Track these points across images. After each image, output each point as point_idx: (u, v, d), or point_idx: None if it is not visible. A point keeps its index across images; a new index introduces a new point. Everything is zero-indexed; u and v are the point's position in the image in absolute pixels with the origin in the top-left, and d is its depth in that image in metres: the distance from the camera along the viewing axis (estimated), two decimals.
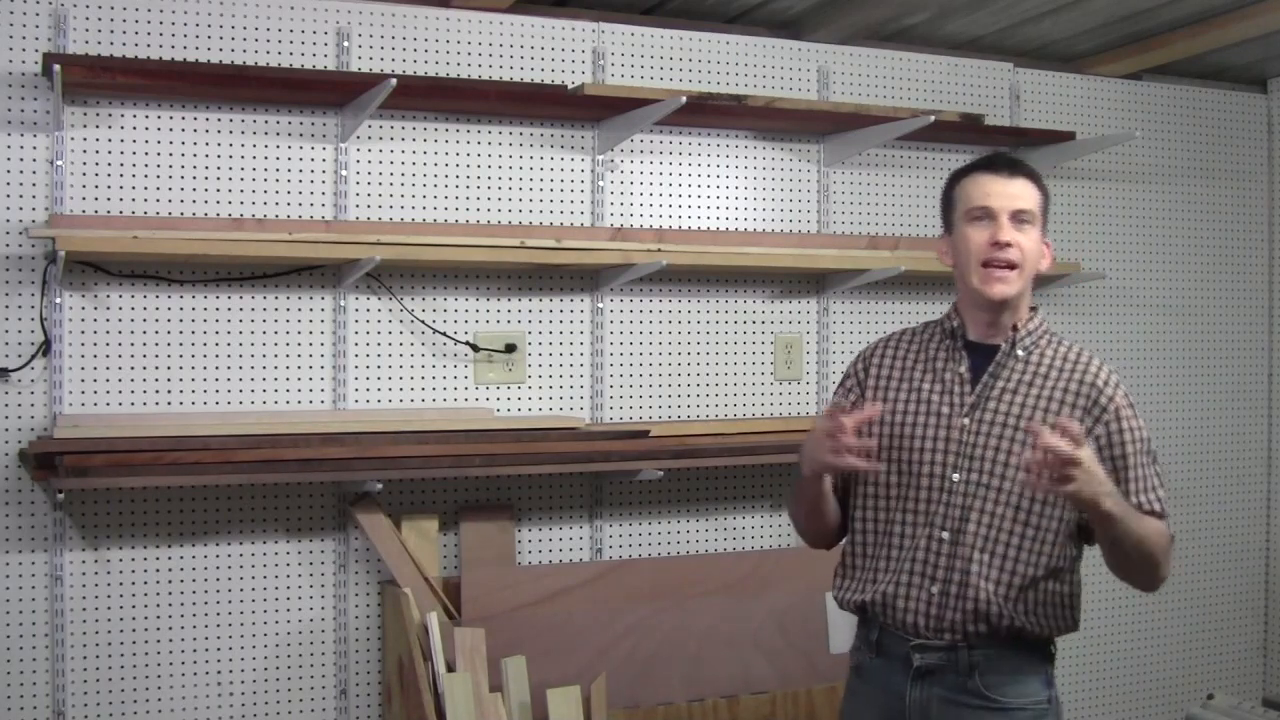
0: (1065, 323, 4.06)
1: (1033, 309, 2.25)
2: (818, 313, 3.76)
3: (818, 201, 3.76)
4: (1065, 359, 2.19)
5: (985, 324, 2.20)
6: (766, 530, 3.68)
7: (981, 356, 2.20)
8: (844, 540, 2.32)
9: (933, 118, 3.49)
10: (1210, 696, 3.96)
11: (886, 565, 2.19)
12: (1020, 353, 2.19)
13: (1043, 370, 2.18)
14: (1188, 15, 3.78)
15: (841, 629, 3.50)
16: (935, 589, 2.13)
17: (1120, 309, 4.19)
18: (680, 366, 3.60)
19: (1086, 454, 1.90)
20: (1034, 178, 2.21)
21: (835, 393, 2.36)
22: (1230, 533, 4.37)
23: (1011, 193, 2.16)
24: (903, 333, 2.33)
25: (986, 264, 2.15)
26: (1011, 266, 2.14)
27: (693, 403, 3.61)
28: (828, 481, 2.20)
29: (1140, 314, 4.23)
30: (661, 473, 3.31)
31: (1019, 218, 2.15)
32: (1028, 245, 2.15)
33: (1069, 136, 3.93)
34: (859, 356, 2.34)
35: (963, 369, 2.20)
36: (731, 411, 3.66)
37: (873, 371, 2.29)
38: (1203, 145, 4.32)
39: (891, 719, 2.17)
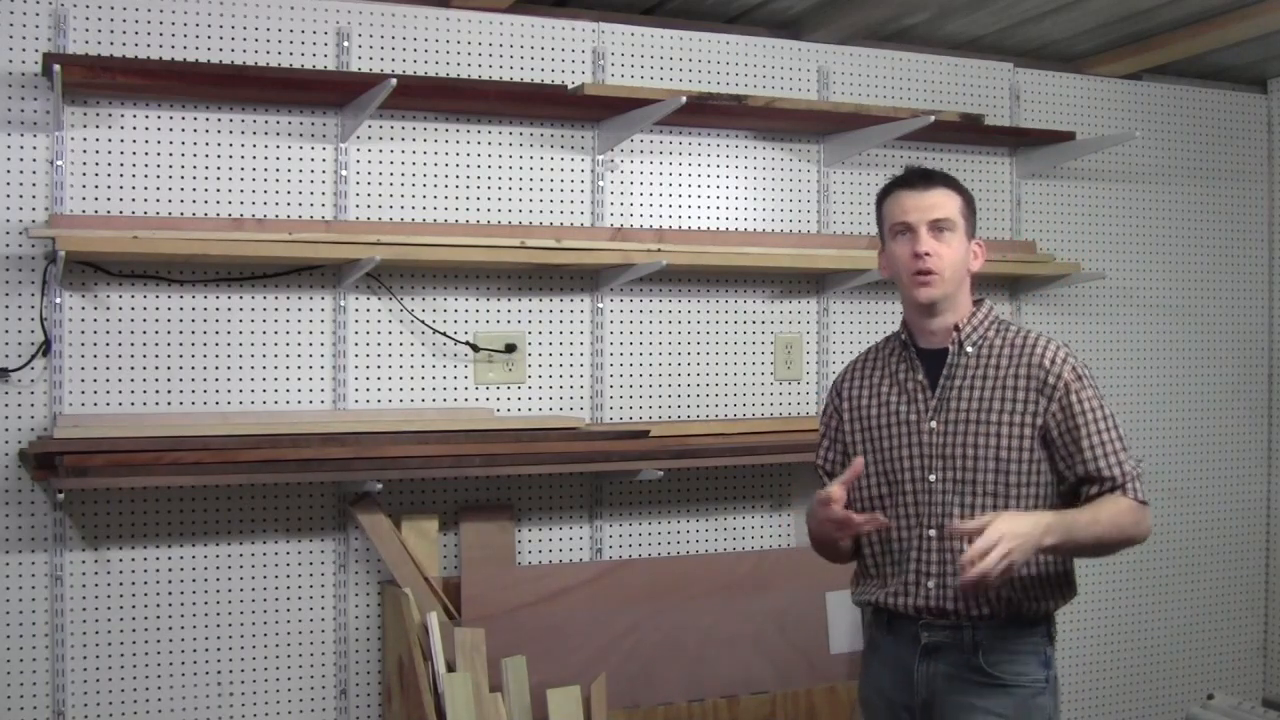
0: (1065, 323, 4.06)
1: (977, 301, 2.37)
2: (818, 313, 3.76)
3: (818, 201, 3.76)
4: (1013, 345, 2.31)
5: (928, 329, 2.34)
6: (766, 530, 3.68)
7: (936, 361, 2.33)
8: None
9: (933, 118, 3.49)
10: (1210, 696, 3.96)
11: (893, 571, 2.33)
12: (970, 349, 2.31)
13: (994, 361, 2.30)
14: (1188, 15, 3.78)
15: (841, 629, 3.50)
16: (932, 584, 2.26)
17: (1120, 309, 4.19)
18: (680, 366, 3.60)
19: (999, 531, 2.01)
20: (951, 185, 2.33)
21: (820, 419, 2.51)
22: (1230, 533, 4.37)
23: (926, 204, 2.29)
24: (866, 352, 2.48)
25: (913, 274, 2.28)
26: (932, 273, 2.27)
27: (693, 403, 3.61)
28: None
29: (1140, 314, 4.23)
30: (661, 473, 3.31)
31: (937, 226, 2.28)
32: (947, 251, 2.28)
33: (1069, 136, 3.93)
34: (832, 385, 2.50)
35: (920, 376, 2.34)
36: (731, 411, 3.66)
37: (845, 396, 2.44)
38: (1203, 145, 4.32)
39: (901, 691, 2.31)
